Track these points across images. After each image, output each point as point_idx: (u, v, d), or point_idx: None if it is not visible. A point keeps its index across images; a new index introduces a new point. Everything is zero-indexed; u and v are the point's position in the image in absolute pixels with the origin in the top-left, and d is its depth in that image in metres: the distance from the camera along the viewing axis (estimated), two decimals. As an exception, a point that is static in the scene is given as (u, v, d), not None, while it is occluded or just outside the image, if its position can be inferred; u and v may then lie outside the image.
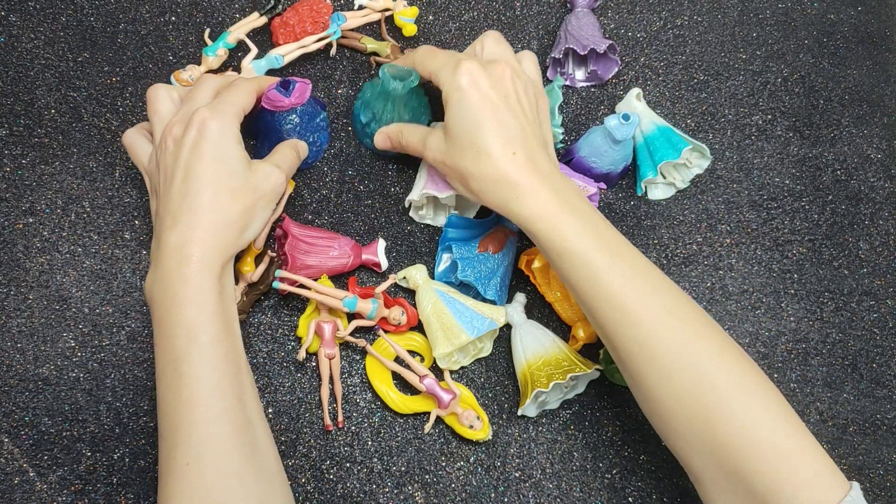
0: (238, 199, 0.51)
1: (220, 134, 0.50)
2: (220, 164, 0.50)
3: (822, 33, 0.74)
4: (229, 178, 0.50)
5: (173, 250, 0.48)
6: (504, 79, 0.52)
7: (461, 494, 0.58)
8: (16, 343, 0.58)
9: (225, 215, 0.50)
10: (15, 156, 0.62)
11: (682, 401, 0.46)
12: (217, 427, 0.46)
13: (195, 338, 0.47)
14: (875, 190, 0.70)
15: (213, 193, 0.49)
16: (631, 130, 0.60)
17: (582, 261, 0.48)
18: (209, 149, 0.50)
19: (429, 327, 0.59)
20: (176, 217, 0.49)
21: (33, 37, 0.65)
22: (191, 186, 0.49)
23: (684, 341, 0.46)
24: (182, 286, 0.48)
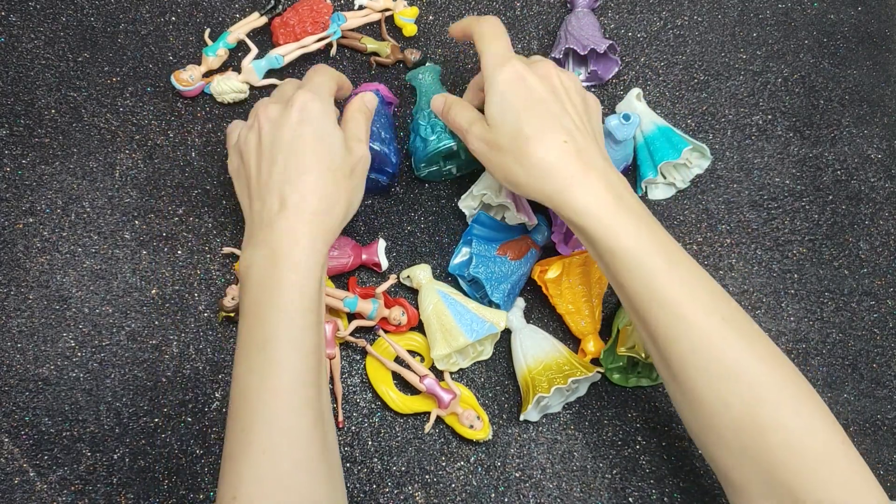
0: (340, 180, 0.50)
1: (321, 114, 0.50)
2: (323, 144, 0.50)
3: (823, 33, 0.74)
4: (331, 159, 0.50)
5: (282, 232, 0.47)
6: (550, 75, 0.51)
7: (461, 494, 0.58)
8: (16, 343, 0.58)
9: (330, 197, 0.49)
10: (15, 156, 0.62)
11: (733, 412, 0.44)
12: (297, 418, 0.45)
13: (292, 323, 0.46)
14: (875, 190, 0.70)
15: (318, 175, 0.49)
16: (631, 131, 0.60)
17: (637, 262, 0.46)
18: (312, 129, 0.50)
19: (429, 328, 0.59)
20: (283, 199, 0.48)
21: (33, 37, 0.65)
22: (296, 167, 0.49)
23: (740, 351, 0.45)
24: (289, 270, 0.47)
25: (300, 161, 0.49)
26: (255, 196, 0.50)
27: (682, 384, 0.47)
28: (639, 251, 0.46)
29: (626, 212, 0.47)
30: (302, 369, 0.46)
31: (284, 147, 0.49)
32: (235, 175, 0.53)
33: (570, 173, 0.48)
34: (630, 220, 0.47)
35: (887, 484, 0.61)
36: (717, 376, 0.45)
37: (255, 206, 0.50)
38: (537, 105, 0.49)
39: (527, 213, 0.60)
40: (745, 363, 0.45)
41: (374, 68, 0.68)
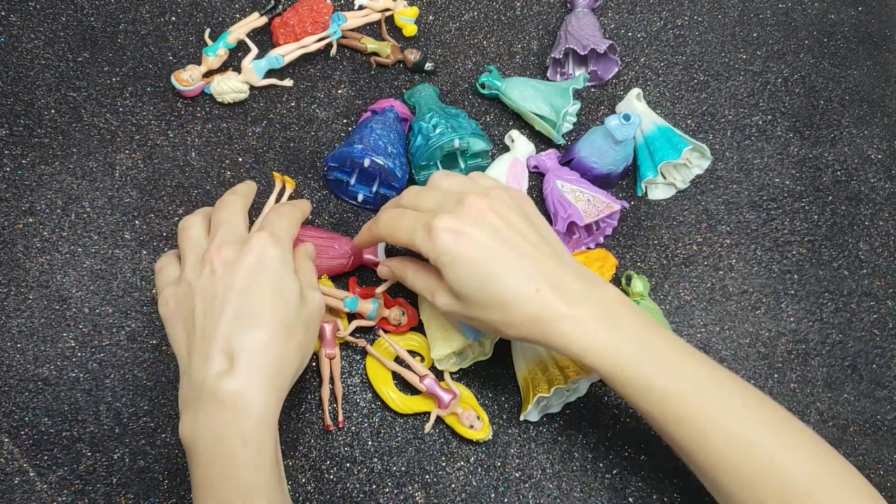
0: (293, 336, 0.46)
1: (280, 263, 0.46)
2: (279, 297, 0.46)
3: (823, 33, 0.74)
4: (285, 314, 0.46)
5: (230, 400, 0.43)
6: (484, 212, 0.46)
7: (461, 494, 0.58)
8: (16, 343, 0.58)
9: (283, 356, 0.45)
10: (15, 156, 0.62)
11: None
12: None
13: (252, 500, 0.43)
14: (875, 190, 0.70)
15: (271, 331, 0.45)
16: (632, 131, 0.60)
17: (645, 388, 0.45)
18: (269, 279, 0.45)
19: (428, 328, 0.59)
20: (232, 356, 0.44)
21: (33, 37, 0.65)
22: (248, 320, 0.44)
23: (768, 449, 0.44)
24: (241, 445, 0.43)
25: (253, 313, 0.45)
26: (196, 348, 0.45)
27: (719, 489, 0.46)
28: (645, 378, 0.45)
29: (622, 335, 0.45)
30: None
31: (236, 295, 0.45)
32: (171, 318, 0.47)
33: (555, 317, 0.44)
34: (629, 345, 0.45)
35: (887, 484, 0.61)
36: (750, 479, 0.44)
37: (194, 362, 0.45)
38: (491, 263, 0.45)
39: None
40: (776, 460, 0.44)
41: (374, 68, 0.68)
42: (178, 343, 0.47)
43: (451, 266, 0.45)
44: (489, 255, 0.45)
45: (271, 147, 0.65)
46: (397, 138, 0.61)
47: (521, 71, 0.70)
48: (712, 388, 0.45)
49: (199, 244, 0.48)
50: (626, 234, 0.66)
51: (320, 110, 0.67)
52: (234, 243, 0.47)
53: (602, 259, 0.61)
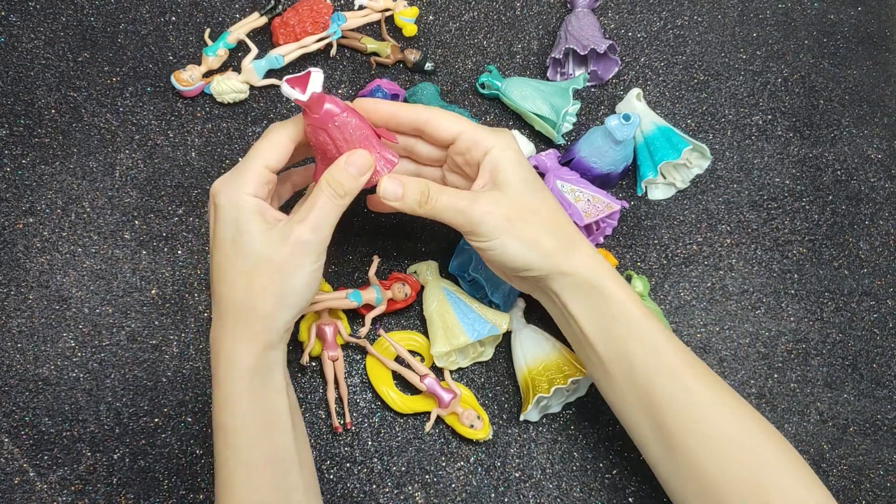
0: (253, 280, 0.45)
1: (230, 210, 0.45)
2: (232, 245, 0.46)
3: (822, 33, 0.74)
4: (241, 261, 0.45)
5: (212, 349, 0.47)
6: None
7: (461, 494, 0.58)
8: (16, 343, 0.58)
9: (244, 303, 0.45)
10: (15, 156, 0.62)
11: (736, 477, 0.45)
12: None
13: (229, 442, 0.46)
14: (875, 190, 0.70)
15: (229, 281, 0.46)
16: (631, 131, 0.60)
17: (646, 331, 0.48)
18: (221, 230, 0.46)
19: (431, 324, 0.59)
20: (214, 311, 0.48)
21: (33, 37, 0.65)
22: (212, 276, 0.47)
23: (739, 419, 0.47)
24: (216, 388, 0.46)
25: (214, 270, 0.47)
26: None
27: (681, 455, 0.47)
28: (646, 320, 0.48)
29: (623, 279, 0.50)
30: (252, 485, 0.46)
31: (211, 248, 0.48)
32: None
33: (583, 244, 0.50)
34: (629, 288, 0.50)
35: (887, 484, 0.61)
36: (720, 444, 0.46)
37: None
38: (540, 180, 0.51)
39: None
40: (746, 431, 0.46)
41: (374, 68, 0.68)
42: None
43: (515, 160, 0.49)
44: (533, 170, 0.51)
45: (271, 147, 0.65)
46: None
47: (521, 71, 0.70)
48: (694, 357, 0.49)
49: None
50: (626, 234, 0.66)
51: (320, 110, 0.67)
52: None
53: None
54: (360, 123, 0.47)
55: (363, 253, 0.63)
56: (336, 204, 0.47)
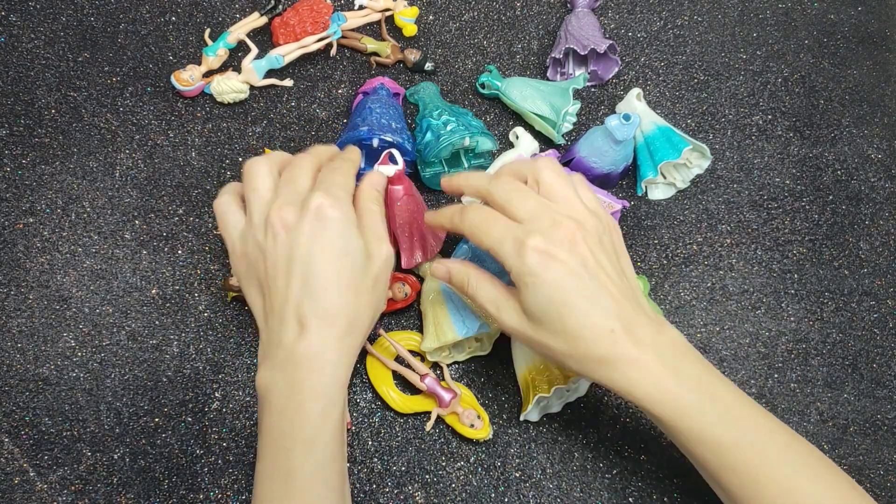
0: (363, 294, 0.46)
1: (342, 223, 0.46)
2: (344, 258, 0.46)
3: (822, 33, 0.74)
4: (353, 274, 0.46)
5: (304, 358, 0.44)
6: (576, 242, 0.46)
7: (461, 494, 0.58)
8: (16, 343, 0.58)
9: (353, 316, 0.46)
10: (15, 156, 0.62)
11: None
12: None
13: (316, 457, 0.44)
14: (875, 190, 0.70)
15: (339, 293, 0.45)
16: (632, 131, 0.60)
17: (704, 437, 0.45)
18: (331, 242, 0.45)
19: (425, 318, 0.59)
20: (303, 320, 0.45)
21: (33, 37, 0.65)
22: (315, 285, 0.45)
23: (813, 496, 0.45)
24: (312, 399, 0.44)
25: (320, 277, 0.45)
26: (270, 310, 0.47)
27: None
28: (704, 427, 0.45)
29: (686, 385, 0.45)
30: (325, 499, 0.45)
31: (301, 260, 0.45)
32: (245, 280, 0.49)
33: (623, 360, 0.45)
34: (691, 394, 0.45)
35: (887, 484, 0.61)
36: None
37: (270, 322, 0.47)
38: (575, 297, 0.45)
39: None
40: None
41: (374, 68, 0.68)
42: (254, 304, 0.48)
43: (533, 287, 0.45)
44: (574, 284, 0.45)
45: (271, 147, 0.65)
46: (397, 114, 0.61)
47: (521, 71, 0.70)
48: (768, 440, 0.46)
49: (264, 198, 0.48)
50: (627, 233, 0.66)
51: (320, 110, 0.67)
52: (294, 204, 0.46)
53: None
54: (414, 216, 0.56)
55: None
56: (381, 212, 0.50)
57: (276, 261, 0.46)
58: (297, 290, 0.45)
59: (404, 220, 0.57)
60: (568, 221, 0.46)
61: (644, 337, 0.45)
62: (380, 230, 0.49)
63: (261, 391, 0.46)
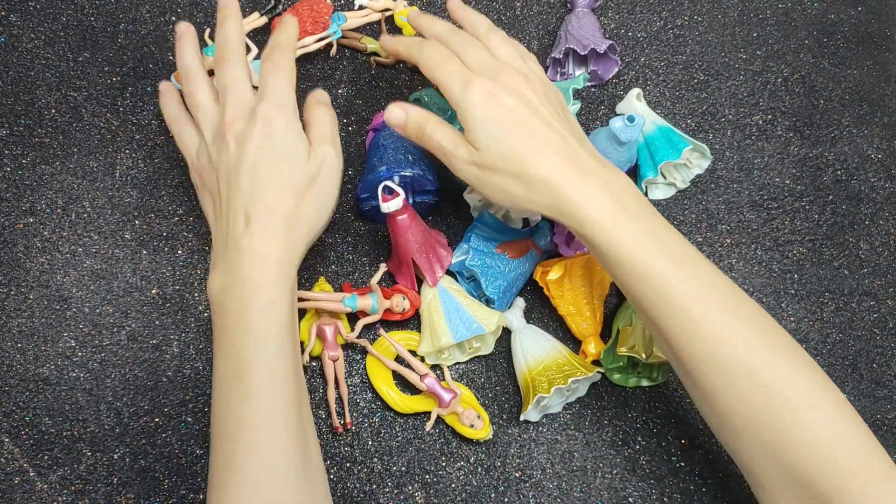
0: (305, 196, 0.50)
1: (284, 129, 0.49)
2: (286, 162, 0.49)
3: (823, 33, 0.74)
4: (294, 176, 0.49)
5: (248, 254, 0.47)
6: (520, 87, 0.49)
7: (461, 494, 0.58)
8: (16, 343, 0.58)
9: (295, 215, 0.49)
10: (15, 156, 0.62)
11: (751, 409, 0.45)
12: (279, 443, 0.45)
13: (265, 349, 0.46)
14: (875, 190, 0.70)
15: (281, 192, 0.49)
16: (636, 132, 0.60)
17: (643, 269, 0.46)
18: (274, 146, 0.49)
19: (422, 322, 0.59)
20: (248, 218, 0.48)
21: (33, 37, 0.65)
22: (259, 187, 0.48)
23: (754, 350, 0.45)
24: (256, 293, 0.46)
25: (263, 180, 0.48)
26: (219, 215, 0.50)
27: (699, 385, 0.47)
28: (644, 257, 0.46)
29: (627, 215, 0.47)
30: (280, 393, 0.46)
31: (248, 166, 0.48)
32: (200, 190, 0.53)
33: (569, 183, 0.47)
34: (632, 224, 0.46)
35: (887, 484, 0.61)
36: (733, 376, 0.45)
37: (220, 224, 0.50)
38: (519, 126, 0.48)
39: None
40: (759, 360, 0.45)
41: (374, 68, 0.68)
42: (207, 210, 0.52)
43: (479, 121, 0.48)
44: (516, 117, 0.48)
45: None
46: (411, 144, 0.61)
47: (521, 71, 0.70)
48: (709, 283, 0.46)
49: (211, 114, 0.51)
50: (627, 233, 0.66)
51: (320, 110, 0.67)
52: (242, 115, 0.50)
53: (602, 259, 0.61)
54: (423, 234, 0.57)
55: (363, 253, 0.63)
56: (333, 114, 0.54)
57: (227, 170, 0.49)
58: (244, 191, 0.48)
59: (419, 244, 0.57)
60: (515, 71, 0.50)
61: (589, 166, 0.48)
62: (325, 131, 0.52)
63: (213, 296, 0.48)
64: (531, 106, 0.49)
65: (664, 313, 0.46)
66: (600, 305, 0.62)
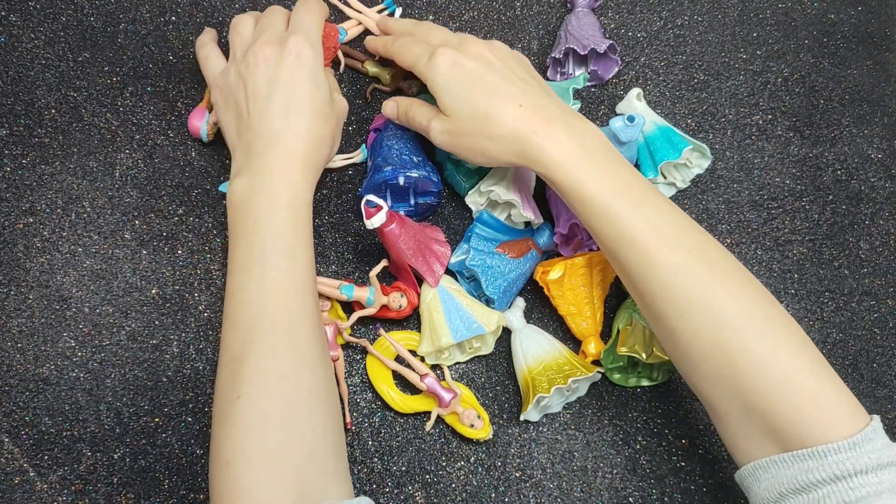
0: (328, 123, 0.55)
1: (315, 62, 0.55)
2: (316, 90, 0.54)
3: (822, 33, 0.74)
4: (323, 105, 0.55)
5: (277, 159, 0.52)
6: (482, 52, 0.54)
7: (461, 494, 0.58)
8: (16, 343, 0.58)
9: (320, 137, 0.54)
10: (15, 156, 0.62)
11: (703, 340, 0.47)
12: (297, 322, 0.49)
13: (287, 238, 0.50)
14: (875, 190, 0.70)
15: (312, 116, 0.54)
16: (636, 132, 0.60)
17: (604, 207, 0.48)
18: (307, 75, 0.54)
19: (422, 322, 0.59)
20: (279, 131, 0.53)
21: (33, 37, 0.65)
22: (293, 106, 0.53)
23: (706, 282, 0.47)
24: (285, 190, 0.51)
25: (296, 101, 0.53)
26: (245, 128, 0.54)
27: (657, 318, 0.49)
28: (605, 196, 0.48)
29: (591, 158, 0.49)
30: (299, 278, 0.50)
31: (282, 86, 0.53)
32: (223, 106, 0.57)
33: (534, 130, 0.50)
34: (595, 165, 0.49)
35: (887, 484, 0.61)
36: (686, 308, 0.47)
37: (244, 137, 0.54)
38: (481, 83, 0.52)
39: (533, 211, 0.60)
40: (711, 293, 0.47)
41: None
42: (229, 125, 0.56)
43: (444, 86, 0.53)
44: (479, 76, 0.52)
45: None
46: (415, 146, 0.61)
47: (521, 71, 0.70)
48: (668, 220, 0.49)
49: (246, 41, 0.57)
50: (627, 233, 0.66)
51: (320, 110, 0.67)
52: (274, 43, 0.55)
53: (604, 262, 0.61)
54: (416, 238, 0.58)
55: (363, 253, 0.63)
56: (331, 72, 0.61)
57: (256, 86, 0.54)
58: (276, 108, 0.53)
59: (413, 249, 0.57)
60: (477, 40, 0.55)
61: (554, 115, 0.51)
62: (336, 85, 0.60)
63: (235, 199, 0.52)
64: (492, 66, 0.53)
65: (623, 250, 0.49)
66: (600, 305, 0.62)
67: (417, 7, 0.70)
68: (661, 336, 0.51)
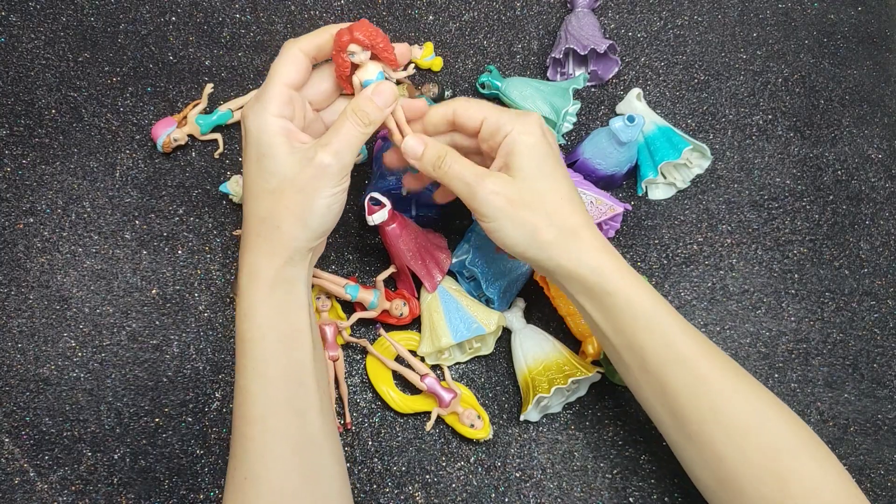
0: (278, 199, 0.46)
1: (257, 132, 0.47)
2: (258, 164, 0.47)
3: (822, 33, 0.74)
4: (266, 180, 0.47)
5: (239, 263, 0.49)
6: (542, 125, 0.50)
7: (461, 494, 0.58)
8: (16, 343, 0.58)
9: (268, 220, 0.47)
10: (15, 156, 0.62)
11: (754, 464, 0.45)
12: (273, 446, 0.45)
13: (248, 352, 0.47)
14: (876, 190, 0.70)
15: (255, 199, 0.47)
16: (636, 132, 0.60)
17: (656, 322, 0.47)
18: (250, 152, 0.47)
19: (423, 323, 0.59)
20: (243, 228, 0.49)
21: (33, 37, 0.65)
22: (245, 195, 0.48)
23: (755, 405, 0.46)
24: (239, 300, 0.48)
25: (246, 188, 0.48)
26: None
27: (700, 443, 0.47)
28: (656, 311, 0.47)
29: (629, 270, 0.48)
30: (269, 396, 0.46)
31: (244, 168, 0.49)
32: None
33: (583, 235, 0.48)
34: (636, 279, 0.48)
35: (888, 484, 0.61)
36: (737, 432, 0.46)
37: None
38: (559, 167, 0.49)
39: None
40: (762, 416, 0.46)
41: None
42: None
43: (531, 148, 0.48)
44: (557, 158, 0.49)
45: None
46: None
47: (521, 71, 0.70)
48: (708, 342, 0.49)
49: None
50: (627, 233, 0.66)
51: (320, 110, 0.67)
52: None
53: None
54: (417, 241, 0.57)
55: (364, 253, 0.63)
56: (360, 132, 0.48)
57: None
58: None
59: (412, 251, 0.57)
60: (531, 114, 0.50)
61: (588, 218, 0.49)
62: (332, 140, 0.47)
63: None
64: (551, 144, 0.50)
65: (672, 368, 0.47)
66: (600, 305, 0.62)
67: (417, 7, 0.70)
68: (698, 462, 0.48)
